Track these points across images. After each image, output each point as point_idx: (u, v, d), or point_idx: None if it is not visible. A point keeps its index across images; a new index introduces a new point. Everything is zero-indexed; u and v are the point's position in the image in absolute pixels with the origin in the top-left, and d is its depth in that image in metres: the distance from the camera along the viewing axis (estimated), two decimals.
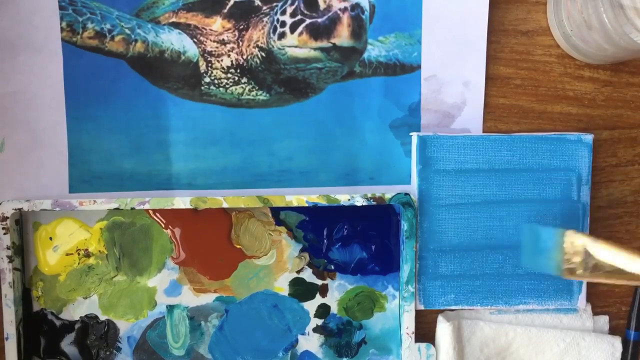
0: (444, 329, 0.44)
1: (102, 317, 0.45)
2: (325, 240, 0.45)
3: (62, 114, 0.44)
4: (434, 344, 0.45)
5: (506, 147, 0.44)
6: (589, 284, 0.46)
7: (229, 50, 0.44)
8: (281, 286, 0.45)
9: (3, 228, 0.42)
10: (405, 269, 0.44)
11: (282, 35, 0.43)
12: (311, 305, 0.46)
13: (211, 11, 0.43)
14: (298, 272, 0.45)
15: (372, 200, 0.43)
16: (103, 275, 0.45)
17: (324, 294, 0.46)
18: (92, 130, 0.44)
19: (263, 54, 0.44)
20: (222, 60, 0.44)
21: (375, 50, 0.44)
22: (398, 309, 0.46)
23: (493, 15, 0.44)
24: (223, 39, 0.44)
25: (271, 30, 0.43)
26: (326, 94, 0.44)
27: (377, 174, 0.45)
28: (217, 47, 0.44)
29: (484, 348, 0.45)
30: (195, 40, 0.44)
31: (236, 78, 0.44)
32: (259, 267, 0.45)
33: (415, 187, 0.44)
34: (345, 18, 0.43)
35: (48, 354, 0.45)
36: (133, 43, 0.43)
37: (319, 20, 0.43)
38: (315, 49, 0.43)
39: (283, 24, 0.43)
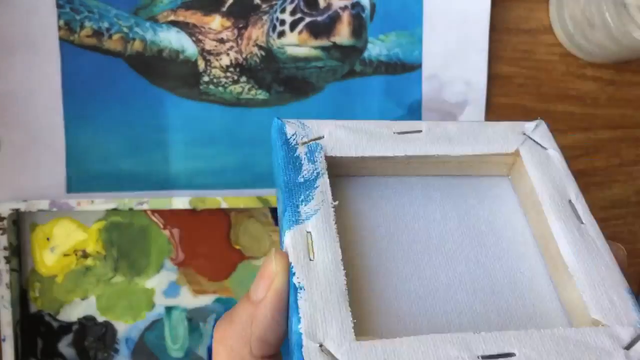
0: None
1: (100, 319, 0.45)
2: None
3: (59, 113, 0.43)
4: None
5: None
6: None
7: (228, 49, 0.43)
8: None
9: (0, 229, 0.42)
10: None
11: (281, 34, 0.43)
12: None
13: (210, 9, 0.43)
14: None
15: None
16: (101, 277, 0.44)
17: None
18: (90, 130, 0.44)
19: (262, 53, 0.43)
20: (221, 59, 0.43)
21: (375, 49, 0.44)
22: None
23: (495, 13, 0.44)
24: (222, 38, 0.43)
25: (271, 29, 0.43)
26: (326, 93, 0.44)
27: None
28: (216, 46, 0.43)
29: None
30: (194, 39, 0.43)
31: (235, 77, 0.44)
32: (258, 267, 0.45)
33: None
34: (345, 16, 0.42)
35: (45, 355, 0.45)
36: (131, 42, 0.43)
37: (319, 18, 0.42)
38: (315, 47, 0.43)
39: (283, 22, 0.43)
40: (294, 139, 0.27)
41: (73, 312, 0.45)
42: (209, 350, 0.45)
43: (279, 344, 0.25)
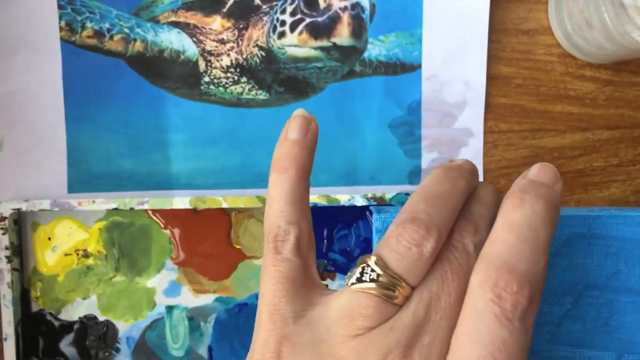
0: None
1: (101, 318, 0.45)
2: (325, 241, 0.45)
3: (60, 113, 0.43)
4: None
5: None
6: None
7: (228, 50, 0.44)
8: None
9: (1, 228, 0.42)
10: None
11: (282, 35, 0.43)
12: None
13: (211, 10, 0.43)
14: None
15: (372, 200, 0.43)
16: (102, 276, 0.45)
17: None
18: (91, 130, 0.44)
19: (263, 53, 0.43)
20: (221, 60, 0.44)
21: (375, 50, 0.44)
22: None
23: (494, 14, 0.44)
24: (222, 38, 0.43)
25: (271, 30, 0.43)
26: (326, 94, 0.44)
27: (378, 174, 0.45)
28: (216, 47, 0.43)
29: None
30: (195, 40, 0.43)
31: (236, 77, 0.44)
32: (258, 267, 0.45)
33: None
34: (345, 17, 0.43)
35: (47, 354, 0.45)
36: (132, 42, 0.43)
37: (319, 19, 0.43)
38: (315, 48, 0.43)
39: (283, 23, 0.43)
40: None
41: (74, 312, 0.45)
42: (210, 350, 0.45)
43: None
